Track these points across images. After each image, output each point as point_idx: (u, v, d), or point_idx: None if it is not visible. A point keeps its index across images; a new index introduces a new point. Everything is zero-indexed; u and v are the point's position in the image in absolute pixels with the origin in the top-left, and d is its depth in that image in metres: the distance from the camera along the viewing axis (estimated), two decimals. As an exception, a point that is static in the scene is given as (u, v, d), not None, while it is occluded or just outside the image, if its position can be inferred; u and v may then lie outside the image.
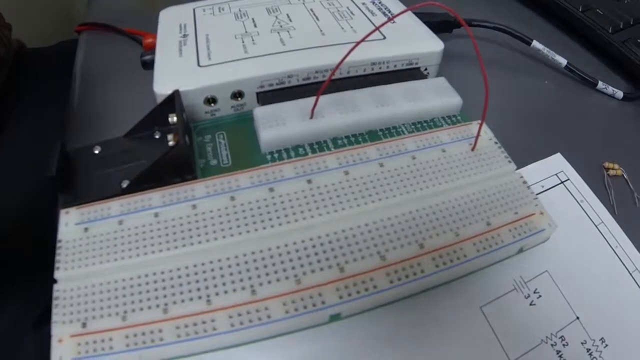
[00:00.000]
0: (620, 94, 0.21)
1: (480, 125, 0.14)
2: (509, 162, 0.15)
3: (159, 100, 0.15)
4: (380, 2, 0.19)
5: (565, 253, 0.15)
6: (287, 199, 0.12)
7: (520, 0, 0.27)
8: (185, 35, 0.17)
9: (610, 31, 0.23)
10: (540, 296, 0.14)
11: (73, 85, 0.20)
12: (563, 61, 0.21)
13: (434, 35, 0.18)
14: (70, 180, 0.13)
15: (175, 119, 0.14)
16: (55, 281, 0.11)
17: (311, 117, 0.14)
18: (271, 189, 0.12)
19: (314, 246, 0.12)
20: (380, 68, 0.17)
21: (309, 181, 0.13)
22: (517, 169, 0.15)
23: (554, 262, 0.15)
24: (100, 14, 0.24)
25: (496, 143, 0.15)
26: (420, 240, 0.12)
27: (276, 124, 0.14)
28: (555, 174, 0.17)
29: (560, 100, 0.21)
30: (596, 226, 0.16)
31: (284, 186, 0.13)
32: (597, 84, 0.21)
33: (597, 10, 0.24)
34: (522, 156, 0.17)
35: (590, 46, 0.24)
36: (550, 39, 0.24)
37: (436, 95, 0.16)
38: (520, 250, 0.14)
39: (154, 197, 0.12)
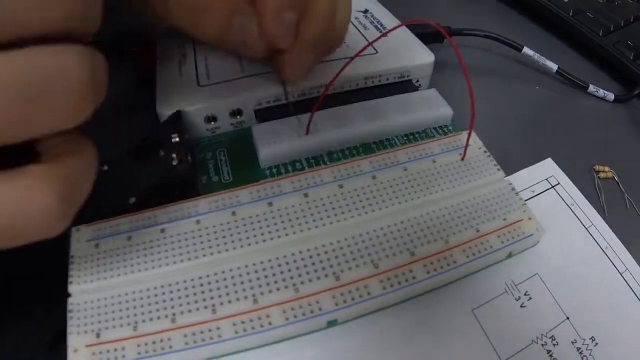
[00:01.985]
0: (611, 96, 0.22)
1: (469, 135, 0.15)
2: (498, 170, 0.15)
3: (162, 119, 0.16)
4: (372, 16, 0.20)
5: (556, 256, 0.15)
6: (286, 213, 0.13)
7: (512, 6, 0.28)
8: (184, 56, 0.18)
9: (601, 34, 0.24)
10: (531, 298, 0.14)
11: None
12: (554, 66, 0.22)
13: (425, 48, 0.18)
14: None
15: (178, 138, 0.14)
16: (69, 295, 0.12)
17: (307, 133, 0.15)
18: (270, 204, 0.13)
19: (311, 257, 0.12)
20: (373, 82, 0.17)
21: (306, 195, 0.13)
22: (507, 175, 0.16)
23: (545, 265, 0.15)
24: (104, 30, 0.25)
25: (486, 152, 0.16)
26: (411, 249, 0.13)
27: (274, 141, 0.15)
28: (546, 179, 0.18)
29: (552, 105, 0.22)
30: (587, 229, 0.17)
31: (283, 201, 0.13)
32: (588, 88, 0.22)
33: (588, 13, 0.25)
34: (514, 162, 0.17)
35: (581, 49, 0.25)
36: (542, 43, 0.24)
37: (427, 108, 0.16)
38: (510, 256, 0.14)
39: (160, 213, 0.13)
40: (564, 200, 0.17)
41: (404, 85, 0.17)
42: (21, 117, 0.08)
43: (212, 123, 0.16)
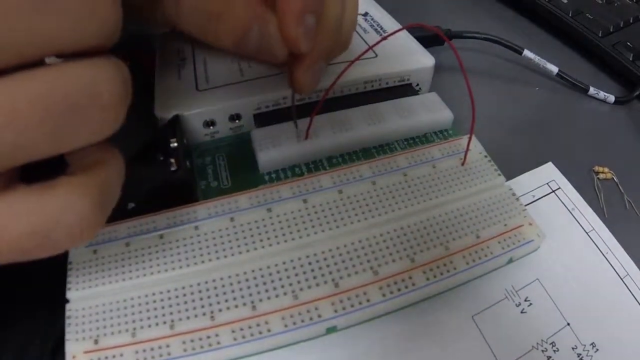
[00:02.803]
0: (612, 98, 0.22)
1: (469, 140, 0.15)
2: (499, 175, 0.15)
3: (160, 123, 0.16)
4: (372, 19, 0.20)
5: (557, 261, 0.15)
6: (284, 219, 0.13)
7: (513, 8, 0.28)
8: (183, 59, 0.18)
9: (600, 35, 0.24)
10: (531, 304, 0.14)
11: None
12: (554, 69, 0.22)
13: (425, 51, 0.18)
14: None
15: (176, 143, 0.14)
16: (67, 301, 0.12)
17: (306, 138, 0.15)
18: (269, 209, 0.13)
19: (310, 263, 0.12)
20: (372, 86, 0.17)
21: (305, 201, 0.13)
22: (508, 180, 0.16)
23: (545, 270, 0.15)
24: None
25: (486, 156, 0.15)
26: (411, 255, 0.13)
27: (273, 146, 0.15)
28: (547, 183, 0.18)
29: (553, 108, 0.21)
30: (587, 233, 0.16)
31: (281, 206, 0.13)
32: (588, 90, 0.22)
33: (587, 14, 0.25)
34: (514, 166, 0.17)
35: (581, 51, 0.25)
36: (542, 45, 0.24)
37: (427, 111, 0.16)
38: (510, 261, 0.14)
39: (159, 219, 0.13)
40: (564, 205, 0.17)
41: (403, 89, 0.17)
42: (54, 132, 0.08)
43: (211, 127, 0.16)
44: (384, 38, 0.14)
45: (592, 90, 0.22)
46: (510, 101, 0.21)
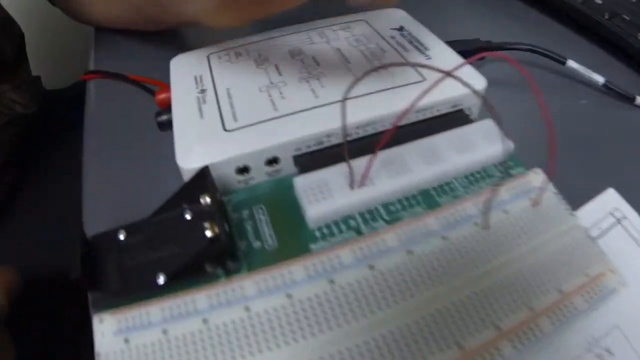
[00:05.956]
0: (658, 107, 0.20)
1: (546, 177, 0.13)
2: (571, 214, 0.14)
3: (185, 174, 0.13)
4: (410, 34, 0.18)
5: (636, 304, 0.14)
6: (350, 291, 0.11)
7: (547, 14, 0.26)
8: (203, 91, 0.15)
9: (639, 37, 0.22)
10: (611, 354, 0.13)
11: (84, 151, 0.18)
12: (600, 79, 0.20)
13: (475, 71, 0.16)
14: (96, 273, 0.12)
15: (208, 199, 0.12)
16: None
17: (361, 186, 0.13)
18: (331, 281, 0.11)
19: (386, 344, 0.11)
20: (424, 115, 0.15)
21: (371, 267, 0.11)
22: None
23: (624, 315, 0.14)
24: (108, 59, 0.23)
25: (555, 193, 0.14)
26: (495, 321, 0.11)
27: (322, 197, 0.13)
28: (610, 213, 0.16)
29: (602, 123, 0.20)
30: (658, 266, 0.15)
31: (345, 276, 0.11)
32: (634, 100, 0.20)
33: (624, 16, 0.23)
34: (572, 196, 0.16)
35: (623, 56, 0.23)
36: (582, 52, 0.22)
37: (486, 143, 0.14)
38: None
39: (199, 298, 0.11)
40: (632, 237, 0.16)
41: (456, 117, 0.15)
42: None
43: (245, 174, 0.14)
44: (449, 74, 0.12)
45: (639, 100, 0.20)
46: (557, 118, 0.20)
